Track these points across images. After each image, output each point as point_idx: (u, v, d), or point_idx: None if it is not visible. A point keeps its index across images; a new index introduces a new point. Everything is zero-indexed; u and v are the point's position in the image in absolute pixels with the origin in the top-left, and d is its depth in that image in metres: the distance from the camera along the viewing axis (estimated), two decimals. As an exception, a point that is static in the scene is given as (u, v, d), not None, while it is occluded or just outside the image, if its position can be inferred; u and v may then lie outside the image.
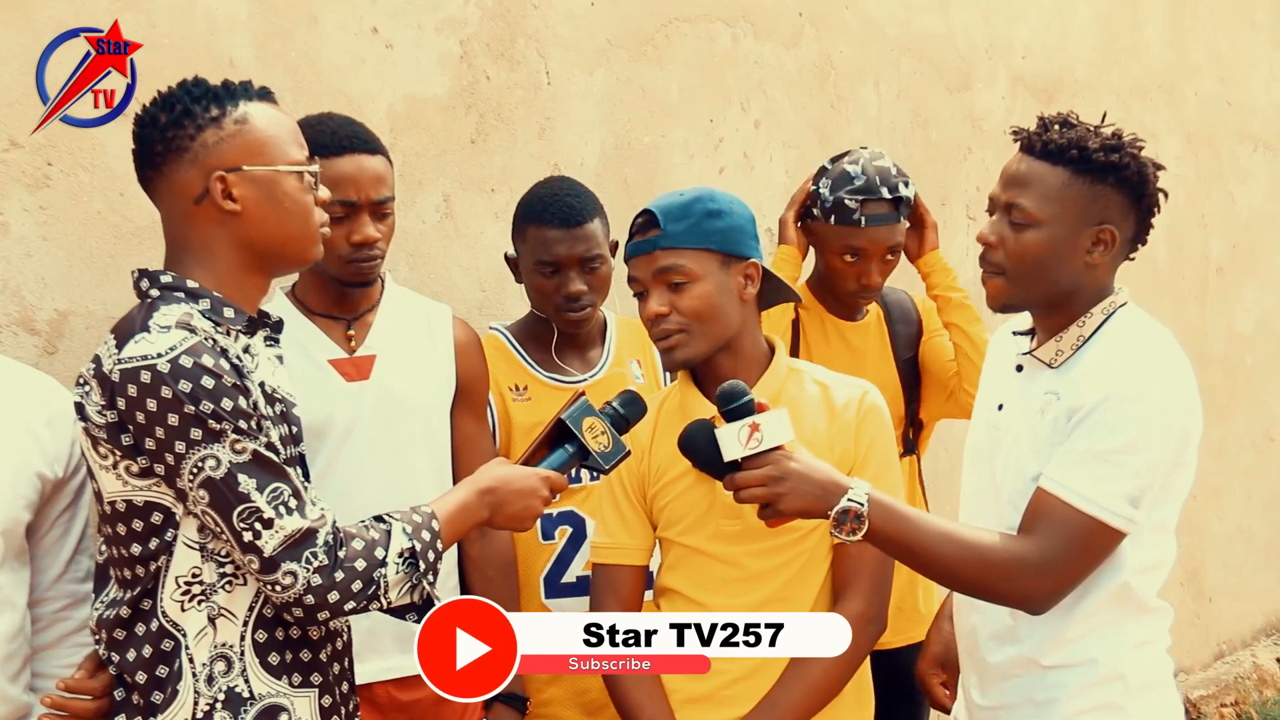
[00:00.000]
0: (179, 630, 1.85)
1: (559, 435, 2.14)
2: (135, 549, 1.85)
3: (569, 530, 2.70)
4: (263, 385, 1.91)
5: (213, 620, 1.86)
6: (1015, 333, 2.28)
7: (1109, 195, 2.09)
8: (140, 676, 1.86)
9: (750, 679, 2.27)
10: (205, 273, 1.91)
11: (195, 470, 1.79)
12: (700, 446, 2.07)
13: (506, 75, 3.18)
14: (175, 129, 1.88)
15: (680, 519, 2.32)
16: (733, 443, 2.02)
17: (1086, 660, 2.12)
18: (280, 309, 2.42)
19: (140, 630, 1.87)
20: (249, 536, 1.80)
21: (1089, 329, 2.13)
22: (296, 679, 1.93)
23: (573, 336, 2.79)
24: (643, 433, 2.33)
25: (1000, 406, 2.23)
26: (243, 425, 1.81)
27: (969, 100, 4.42)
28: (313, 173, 1.97)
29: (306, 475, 2.01)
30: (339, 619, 1.96)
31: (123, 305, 1.96)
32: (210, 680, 1.86)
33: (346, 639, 2.07)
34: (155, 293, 1.89)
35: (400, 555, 1.89)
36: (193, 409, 1.78)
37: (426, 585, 1.93)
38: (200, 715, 1.85)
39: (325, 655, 1.98)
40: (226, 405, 1.80)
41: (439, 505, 1.99)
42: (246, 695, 1.88)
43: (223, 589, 1.87)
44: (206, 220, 1.90)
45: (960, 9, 4.39)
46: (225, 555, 1.86)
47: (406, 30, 3.00)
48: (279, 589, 1.82)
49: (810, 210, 2.99)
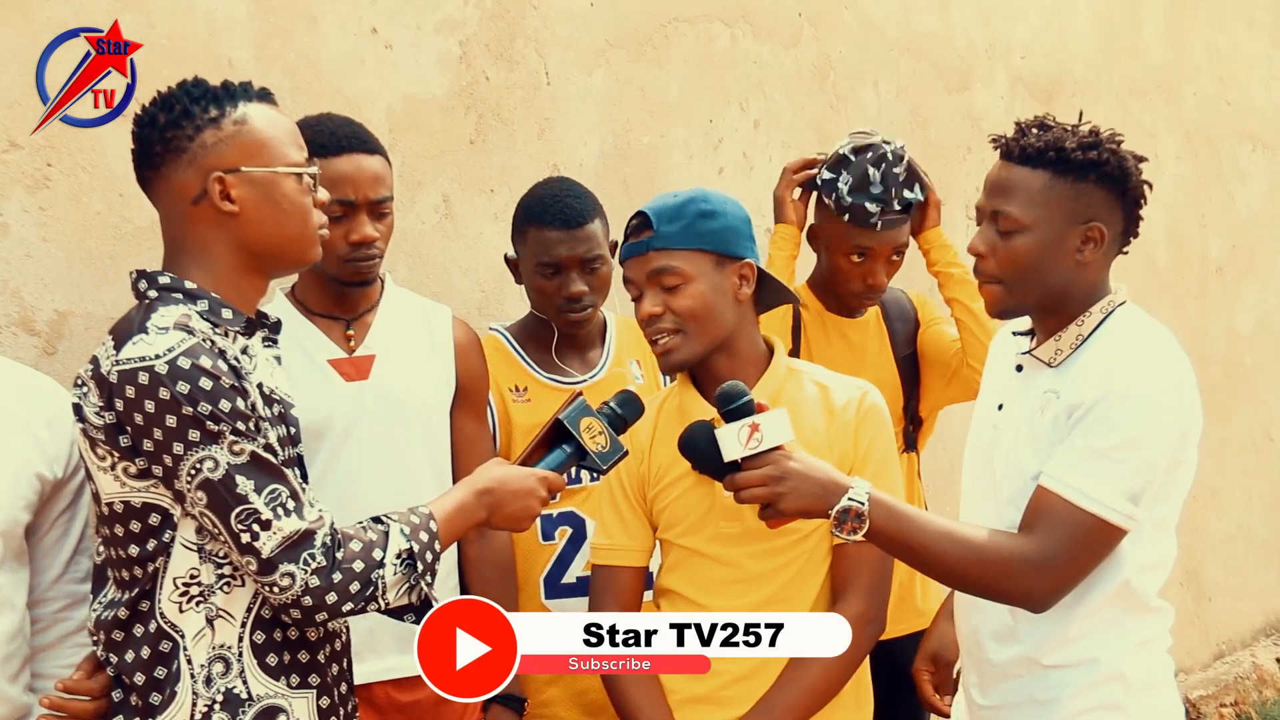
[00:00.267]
0: (177, 631, 1.85)
1: (557, 436, 2.14)
2: (133, 550, 1.85)
3: (569, 531, 2.70)
4: (261, 386, 1.91)
5: (211, 621, 1.86)
6: (1015, 333, 2.28)
7: (1092, 192, 2.09)
8: (138, 678, 1.86)
9: (749, 679, 2.27)
10: (203, 274, 1.91)
11: (193, 472, 1.79)
12: (700, 447, 2.07)
13: (506, 76, 3.18)
14: (174, 129, 1.88)
15: (680, 521, 2.32)
16: (732, 443, 2.02)
17: (1088, 660, 2.12)
18: (280, 309, 2.43)
19: (138, 631, 1.86)
20: (247, 538, 1.80)
21: (1088, 328, 2.13)
22: (295, 680, 1.93)
23: (572, 337, 2.79)
24: (642, 434, 2.33)
25: (1000, 407, 2.23)
26: (240, 427, 1.81)
27: (968, 100, 4.42)
28: (311, 174, 1.96)
29: (305, 476, 2.01)
30: (337, 620, 1.96)
31: (122, 306, 1.96)
32: (208, 681, 1.86)
33: (345, 640, 2.07)
34: (153, 294, 1.89)
35: (398, 556, 1.89)
36: (190, 410, 1.77)
37: (424, 586, 1.93)
38: (198, 716, 1.85)
39: (323, 656, 1.98)
40: (224, 407, 1.79)
41: (437, 506, 1.99)
42: (245, 696, 1.88)
43: (221, 590, 1.87)
44: (204, 221, 1.90)
45: (959, 9, 4.38)
46: (223, 556, 1.86)
47: (406, 31, 3.00)
48: (276, 590, 1.82)
49: (821, 200, 2.96)
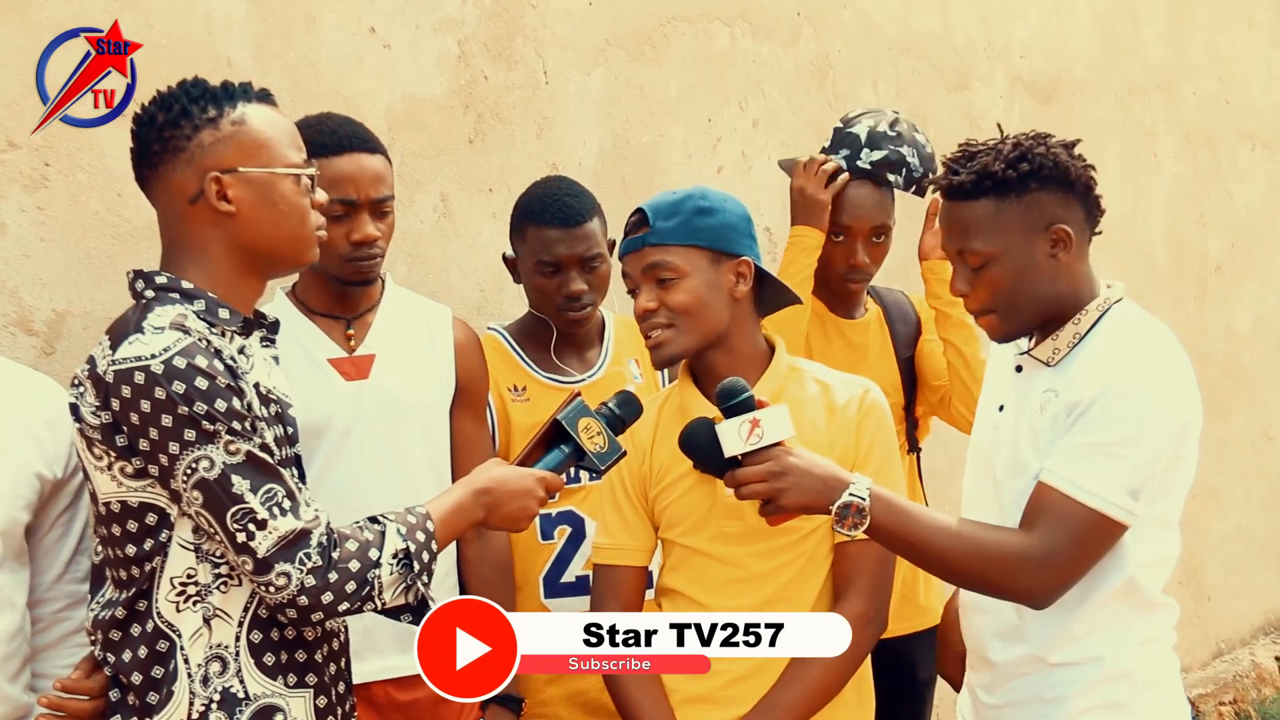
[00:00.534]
0: (174, 631, 1.85)
1: (555, 436, 2.14)
2: (130, 550, 1.85)
3: (568, 530, 2.70)
4: (258, 386, 1.91)
5: (208, 621, 1.86)
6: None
7: (1041, 199, 2.09)
8: (136, 677, 1.86)
9: (750, 679, 2.26)
10: (200, 273, 1.91)
11: (189, 471, 1.79)
12: (701, 443, 2.07)
13: (504, 75, 3.18)
14: (172, 129, 1.88)
15: (681, 520, 2.32)
16: (733, 438, 2.02)
17: (1093, 658, 2.12)
18: (280, 308, 2.43)
19: (135, 631, 1.86)
20: (243, 537, 1.80)
21: (1084, 325, 2.13)
22: (292, 679, 1.93)
23: (571, 336, 2.79)
24: (644, 434, 2.33)
25: (1001, 408, 2.23)
26: (236, 426, 1.81)
27: (967, 100, 4.41)
28: (310, 175, 1.96)
29: (302, 476, 2.01)
30: (333, 619, 1.95)
31: (120, 306, 1.96)
32: (205, 681, 1.86)
33: (343, 639, 2.07)
34: (150, 293, 1.89)
35: (394, 556, 1.89)
36: (186, 410, 1.77)
37: (421, 586, 1.93)
38: (196, 716, 1.85)
39: (321, 655, 1.98)
40: (220, 406, 1.79)
41: (434, 506, 1.99)
42: (242, 695, 1.88)
43: (218, 589, 1.86)
44: (201, 221, 1.90)
45: (959, 8, 4.38)
46: (220, 556, 1.86)
47: (404, 30, 3.00)
48: (272, 590, 1.82)
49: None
